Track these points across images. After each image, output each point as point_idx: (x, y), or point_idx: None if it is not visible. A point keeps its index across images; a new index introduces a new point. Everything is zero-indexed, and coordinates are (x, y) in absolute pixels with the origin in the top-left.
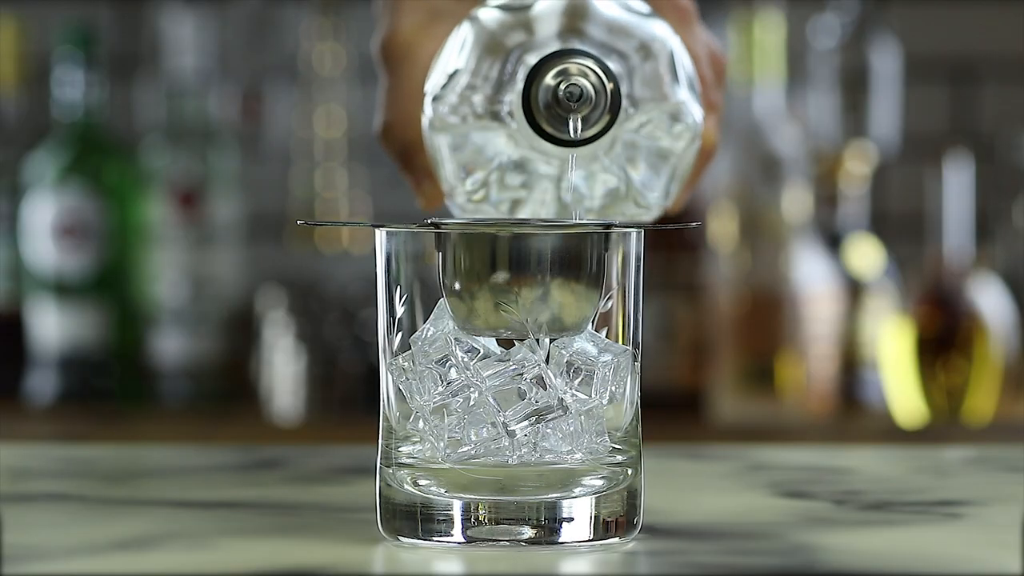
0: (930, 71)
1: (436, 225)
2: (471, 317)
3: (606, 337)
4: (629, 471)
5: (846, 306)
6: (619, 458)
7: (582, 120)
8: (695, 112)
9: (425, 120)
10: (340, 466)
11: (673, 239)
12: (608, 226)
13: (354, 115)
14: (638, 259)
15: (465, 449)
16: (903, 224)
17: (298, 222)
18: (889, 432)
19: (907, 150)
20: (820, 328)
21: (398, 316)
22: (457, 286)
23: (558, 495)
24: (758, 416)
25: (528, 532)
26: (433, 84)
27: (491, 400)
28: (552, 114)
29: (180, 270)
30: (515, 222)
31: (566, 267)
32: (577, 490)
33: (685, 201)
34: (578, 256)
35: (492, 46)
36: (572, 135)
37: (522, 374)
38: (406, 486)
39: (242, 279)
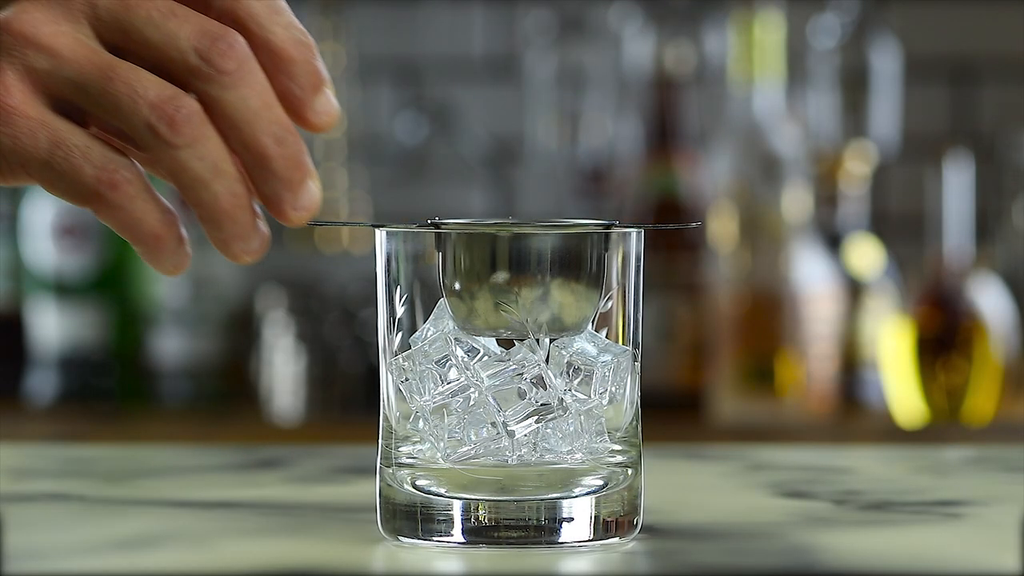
0: (930, 71)
1: (436, 225)
2: (471, 317)
3: (606, 337)
4: (629, 471)
5: (846, 306)
6: (619, 458)
7: None
8: None
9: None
10: (340, 466)
11: (673, 239)
12: (608, 226)
13: (354, 115)
14: (638, 259)
15: (465, 449)
16: (903, 224)
17: None
18: (889, 432)
19: (907, 150)
20: (820, 328)
21: (398, 316)
22: (457, 286)
23: (558, 495)
24: (758, 416)
25: (528, 532)
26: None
27: (491, 400)
28: None
29: None
30: (515, 222)
31: (566, 267)
32: (577, 490)
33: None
34: (578, 256)
35: None
36: None
37: (522, 374)
38: (406, 486)
39: (242, 279)
